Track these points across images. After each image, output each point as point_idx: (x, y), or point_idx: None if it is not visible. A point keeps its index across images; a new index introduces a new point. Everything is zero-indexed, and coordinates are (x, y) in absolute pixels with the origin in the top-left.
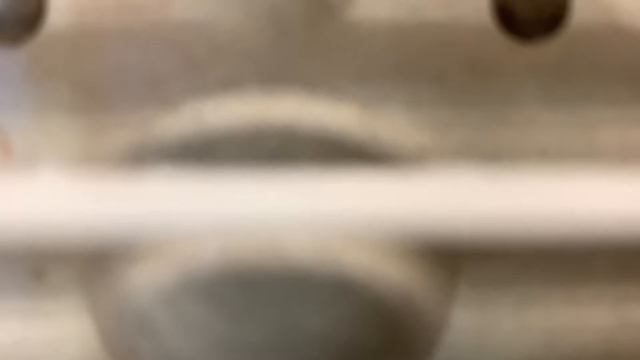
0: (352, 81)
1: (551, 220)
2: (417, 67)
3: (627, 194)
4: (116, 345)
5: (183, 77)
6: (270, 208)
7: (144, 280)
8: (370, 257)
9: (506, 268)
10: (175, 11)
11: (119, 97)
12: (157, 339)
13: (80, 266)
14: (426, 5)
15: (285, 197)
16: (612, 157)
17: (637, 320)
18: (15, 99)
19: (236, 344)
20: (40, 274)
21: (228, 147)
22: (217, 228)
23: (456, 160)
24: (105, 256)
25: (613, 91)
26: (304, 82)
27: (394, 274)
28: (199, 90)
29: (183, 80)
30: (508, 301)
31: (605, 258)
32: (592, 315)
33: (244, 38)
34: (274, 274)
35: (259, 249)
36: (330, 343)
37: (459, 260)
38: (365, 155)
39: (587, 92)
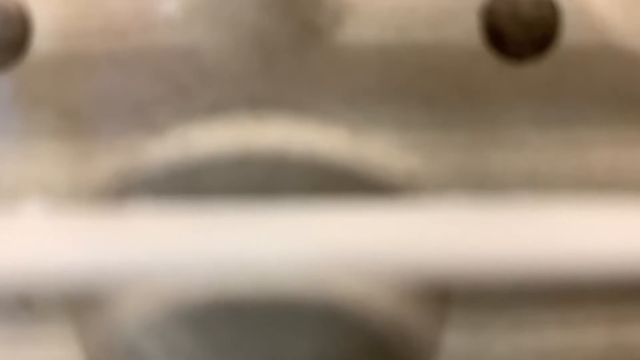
0: (340, 105)
1: (547, 258)
2: (406, 89)
3: (623, 227)
4: None
5: (169, 103)
6: (260, 245)
7: (133, 309)
8: (359, 284)
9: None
10: (161, 36)
11: (105, 122)
12: None
13: None
14: (414, 27)
15: (275, 233)
16: (603, 178)
17: (631, 342)
18: None
19: None
20: (27, 301)
21: (215, 172)
22: (206, 267)
23: (446, 182)
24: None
25: (604, 112)
26: (292, 107)
27: (384, 301)
28: (185, 116)
29: (169, 106)
30: (500, 324)
31: None
32: (586, 336)
33: (230, 63)
34: (263, 303)
35: (248, 279)
36: None
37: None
38: (355, 179)
39: (578, 113)
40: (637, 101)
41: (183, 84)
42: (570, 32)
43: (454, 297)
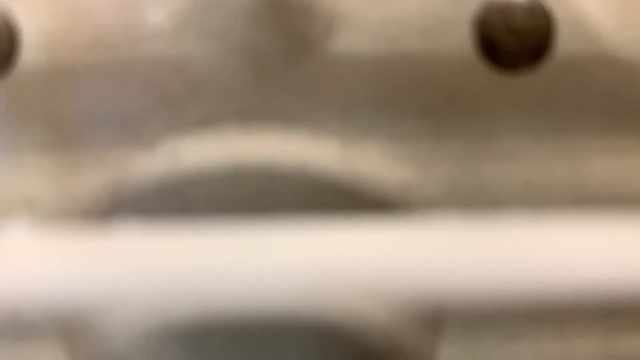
0: (332, 116)
1: (542, 278)
2: (399, 100)
3: (619, 246)
4: None
5: (159, 115)
6: (251, 263)
7: (122, 325)
8: (352, 299)
9: None
10: (151, 48)
11: (94, 135)
12: None
13: None
14: (407, 37)
15: (265, 252)
16: (599, 187)
17: (626, 353)
18: None
19: None
20: (16, 317)
21: (206, 186)
22: (196, 285)
23: (440, 193)
24: None
25: (598, 121)
26: (284, 119)
27: (377, 316)
28: (175, 129)
29: (159, 118)
30: (496, 336)
31: None
32: (581, 348)
33: (221, 74)
34: (254, 320)
35: (238, 296)
36: None
37: None
38: (347, 192)
39: (572, 123)
40: (632, 110)
41: (173, 97)
42: (564, 42)
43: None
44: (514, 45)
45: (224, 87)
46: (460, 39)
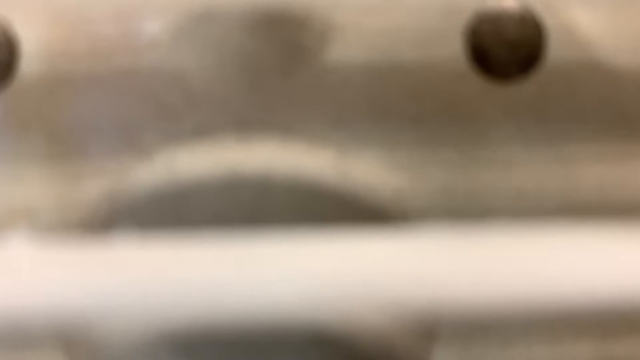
0: (327, 126)
1: (536, 289)
2: (393, 109)
3: (613, 251)
4: None
5: (156, 125)
6: (247, 274)
7: (121, 334)
8: (348, 307)
9: None
10: (148, 58)
11: (92, 145)
12: None
13: None
14: (400, 48)
15: (262, 263)
16: (591, 195)
17: (619, 357)
18: None
19: None
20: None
21: (202, 195)
22: (193, 298)
23: (434, 201)
24: None
25: (590, 129)
26: (279, 128)
27: (372, 323)
28: (172, 138)
29: (156, 128)
30: (490, 341)
31: None
32: (574, 353)
33: (216, 85)
34: (250, 329)
35: (233, 307)
36: None
37: None
38: (342, 201)
39: (564, 131)
40: (623, 117)
41: (169, 107)
42: (555, 51)
43: None
44: (506, 55)
45: (220, 97)
46: (452, 49)
